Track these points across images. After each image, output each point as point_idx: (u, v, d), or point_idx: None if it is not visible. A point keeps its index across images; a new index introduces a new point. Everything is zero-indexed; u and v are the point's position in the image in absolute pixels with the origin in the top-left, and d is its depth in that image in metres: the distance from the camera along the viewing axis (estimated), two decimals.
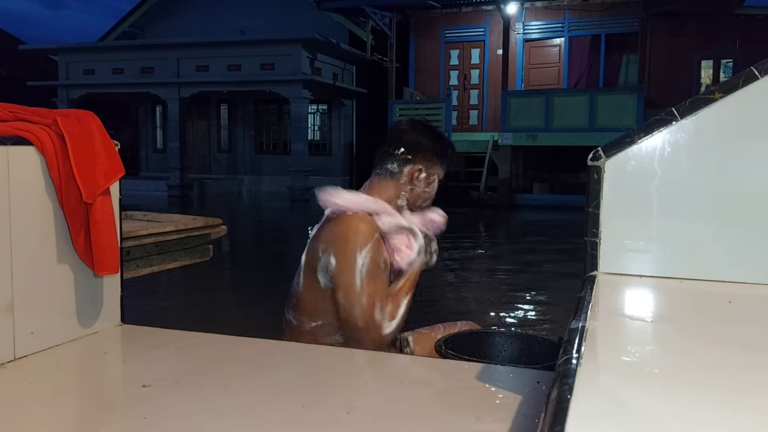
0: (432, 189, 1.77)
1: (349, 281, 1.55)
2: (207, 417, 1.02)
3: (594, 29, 14.95)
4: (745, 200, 1.12)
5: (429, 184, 1.76)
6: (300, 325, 1.67)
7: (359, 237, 1.57)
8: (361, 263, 1.55)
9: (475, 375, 1.23)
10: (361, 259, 1.55)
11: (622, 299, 1.11)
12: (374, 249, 1.58)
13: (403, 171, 1.72)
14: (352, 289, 1.56)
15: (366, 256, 1.56)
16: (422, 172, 1.73)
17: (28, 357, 1.25)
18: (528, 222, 12.07)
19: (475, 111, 16.19)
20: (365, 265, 1.55)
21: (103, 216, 1.33)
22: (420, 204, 1.77)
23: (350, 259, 1.56)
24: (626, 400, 0.63)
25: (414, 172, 1.72)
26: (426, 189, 1.75)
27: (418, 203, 1.76)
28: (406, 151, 1.72)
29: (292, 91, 16.31)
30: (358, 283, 1.55)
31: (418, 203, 1.76)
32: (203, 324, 1.58)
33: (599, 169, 1.16)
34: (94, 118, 1.38)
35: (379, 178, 1.74)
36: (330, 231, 1.62)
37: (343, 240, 1.58)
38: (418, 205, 1.77)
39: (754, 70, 1.07)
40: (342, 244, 1.58)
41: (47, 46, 19.72)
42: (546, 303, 5.30)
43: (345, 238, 1.58)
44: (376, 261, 1.58)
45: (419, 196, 1.75)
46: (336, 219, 1.63)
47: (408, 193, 1.74)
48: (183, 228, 2.29)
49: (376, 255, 1.58)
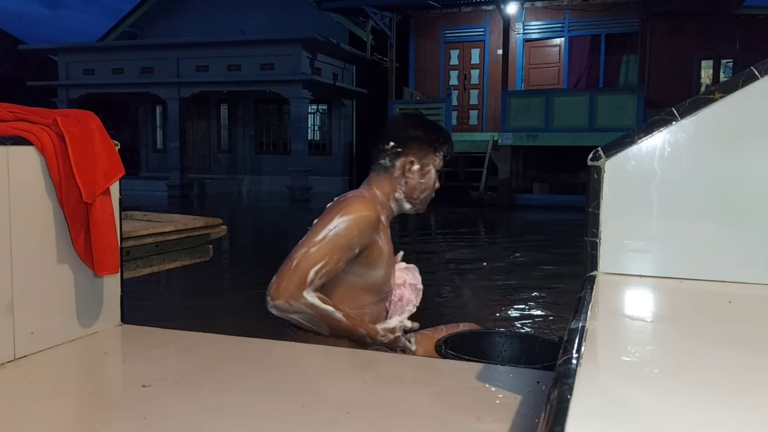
0: (428, 179, 1.75)
1: (315, 231, 1.57)
2: (207, 417, 1.02)
3: (594, 29, 14.95)
4: (745, 200, 1.12)
5: (424, 175, 1.74)
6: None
7: (347, 207, 1.59)
8: (334, 225, 1.56)
9: (475, 375, 1.23)
10: (336, 221, 1.56)
11: (622, 299, 1.11)
12: (355, 224, 1.57)
13: (395, 165, 1.72)
14: (313, 237, 1.55)
15: (343, 222, 1.56)
16: (414, 163, 1.72)
17: (28, 357, 1.25)
18: (528, 222, 12.07)
19: (475, 111, 16.19)
20: (336, 228, 1.55)
21: (103, 216, 1.33)
22: (418, 196, 1.75)
23: (327, 219, 1.58)
24: (626, 400, 0.63)
25: (406, 164, 1.71)
26: (421, 180, 1.74)
27: (415, 195, 1.74)
28: (396, 145, 1.72)
29: (292, 91, 16.32)
30: (320, 235, 1.55)
31: (415, 195, 1.75)
32: (203, 324, 1.58)
33: (599, 169, 1.16)
34: (94, 118, 1.38)
35: (375, 174, 1.74)
36: (329, 208, 1.64)
37: (334, 207, 1.61)
38: (416, 197, 1.75)
39: (754, 70, 1.07)
40: (330, 209, 1.61)
41: (47, 46, 19.72)
42: (546, 303, 5.30)
43: (337, 206, 1.61)
44: (350, 235, 1.56)
45: (415, 188, 1.73)
46: (339, 199, 1.66)
47: (403, 186, 1.73)
48: (183, 228, 2.29)
49: (353, 230, 1.56)
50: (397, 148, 1.71)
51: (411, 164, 1.72)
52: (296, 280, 1.52)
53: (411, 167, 1.72)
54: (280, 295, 1.52)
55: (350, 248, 1.57)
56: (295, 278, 1.52)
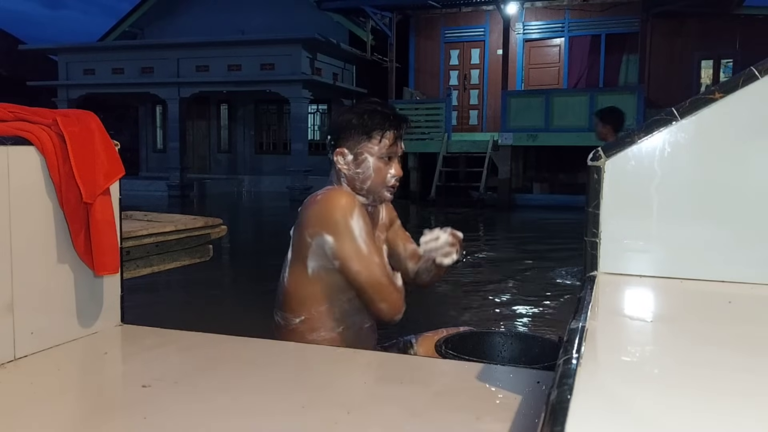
0: (365, 168, 1.65)
1: (356, 248, 1.56)
2: (207, 417, 1.02)
3: (594, 29, 14.95)
4: (745, 200, 1.12)
5: (359, 165, 1.65)
6: (287, 324, 1.67)
7: (344, 207, 1.57)
8: (357, 229, 1.56)
9: (475, 375, 1.23)
10: (356, 225, 1.56)
11: (622, 299, 1.11)
12: (361, 215, 1.59)
13: (333, 158, 1.69)
14: (361, 253, 1.56)
15: (358, 221, 1.57)
16: (346, 154, 1.66)
17: (28, 357, 1.25)
18: (528, 222, 12.06)
19: (475, 111, 16.19)
20: (361, 228, 1.57)
21: (103, 216, 1.33)
22: (361, 186, 1.67)
23: (346, 229, 1.56)
24: (626, 400, 0.63)
25: (337, 156, 1.68)
26: (357, 170, 1.66)
27: (357, 186, 1.67)
28: (330, 138, 1.70)
29: (292, 91, 16.31)
30: (363, 246, 1.57)
31: (358, 186, 1.67)
32: (203, 324, 1.59)
33: (599, 169, 1.16)
34: (94, 118, 1.38)
35: (331, 171, 1.73)
36: (313, 213, 1.61)
37: (329, 216, 1.57)
38: (360, 188, 1.68)
39: (754, 70, 1.07)
40: (331, 220, 1.57)
41: (47, 46, 19.71)
42: (545, 303, 5.30)
43: (330, 213, 1.57)
44: (367, 223, 1.60)
45: (353, 178, 1.67)
46: (313, 200, 1.63)
47: (344, 178, 1.68)
48: (183, 228, 2.29)
49: (363, 219, 1.59)
50: (331, 141, 1.69)
51: (342, 156, 1.67)
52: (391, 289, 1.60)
53: (344, 159, 1.67)
54: (399, 309, 1.62)
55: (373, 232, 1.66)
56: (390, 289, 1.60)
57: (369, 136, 1.64)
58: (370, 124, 1.64)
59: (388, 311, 1.60)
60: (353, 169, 1.66)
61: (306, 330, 1.64)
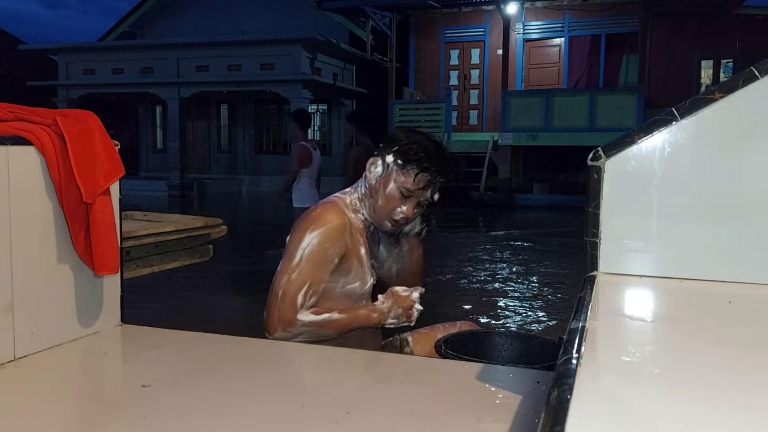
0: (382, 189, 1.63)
1: (290, 254, 1.57)
2: (207, 417, 1.02)
3: (594, 29, 14.96)
4: (745, 200, 1.12)
5: (381, 182, 1.64)
6: None
7: (315, 221, 1.59)
8: (306, 242, 1.56)
9: (475, 375, 1.23)
10: (308, 239, 1.57)
11: (622, 299, 1.11)
12: (326, 236, 1.57)
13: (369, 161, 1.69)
14: (290, 262, 1.56)
15: (314, 238, 1.56)
16: (378, 166, 1.65)
17: (28, 357, 1.25)
18: (528, 222, 12.06)
19: (475, 111, 16.19)
20: (310, 246, 1.56)
21: (103, 216, 1.33)
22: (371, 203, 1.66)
23: (299, 237, 1.58)
24: (626, 400, 0.62)
25: (372, 162, 1.67)
26: (376, 185, 1.65)
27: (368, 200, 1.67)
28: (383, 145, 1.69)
29: (292, 91, 16.32)
30: (297, 258, 1.56)
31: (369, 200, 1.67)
32: (203, 324, 1.59)
33: (599, 169, 1.16)
34: (94, 118, 1.38)
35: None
36: (301, 221, 1.64)
37: (302, 222, 1.61)
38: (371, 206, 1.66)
39: (754, 70, 1.07)
40: (299, 226, 1.61)
41: (47, 46, 19.74)
42: (545, 303, 5.31)
43: (304, 220, 1.61)
44: (324, 248, 1.57)
45: (371, 190, 1.66)
46: (308, 212, 1.66)
47: (365, 185, 1.68)
48: (183, 228, 2.29)
49: (326, 242, 1.57)
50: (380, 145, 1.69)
51: (375, 164, 1.67)
52: (286, 309, 1.54)
53: (374, 168, 1.67)
54: (276, 328, 1.54)
55: (329, 261, 1.58)
56: (285, 308, 1.54)
57: (404, 165, 1.62)
58: (412, 157, 1.61)
59: (265, 322, 1.57)
60: (375, 181, 1.66)
61: None
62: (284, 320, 1.53)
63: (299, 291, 1.54)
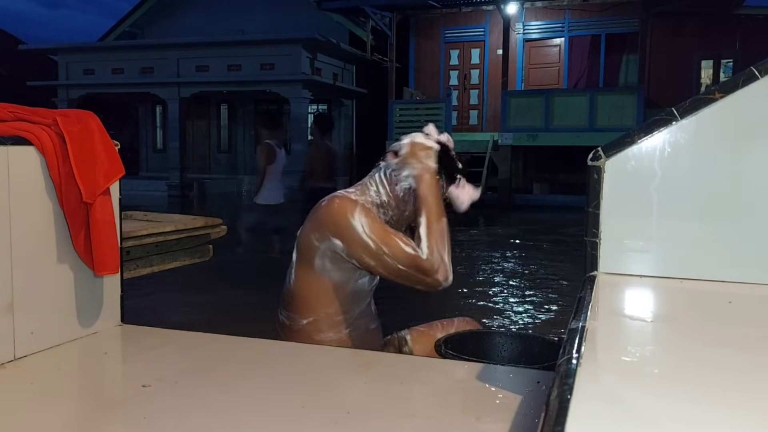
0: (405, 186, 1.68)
1: (364, 245, 1.57)
2: (207, 417, 1.02)
3: (594, 29, 14.95)
4: (745, 200, 1.12)
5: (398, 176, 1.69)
6: (293, 325, 1.67)
7: (343, 209, 1.60)
8: (360, 225, 1.57)
9: (475, 375, 1.23)
10: (357, 223, 1.57)
11: (622, 299, 1.11)
12: (363, 211, 1.59)
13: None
14: (371, 248, 1.56)
15: (359, 217, 1.58)
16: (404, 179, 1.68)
17: (28, 357, 1.25)
18: (528, 222, 12.06)
19: (475, 111, 16.19)
20: (364, 224, 1.57)
21: (103, 216, 1.33)
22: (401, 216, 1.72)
23: (350, 229, 1.57)
24: (626, 400, 0.62)
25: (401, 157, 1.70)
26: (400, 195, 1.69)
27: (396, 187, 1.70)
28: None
29: (292, 91, 16.31)
30: (369, 241, 1.57)
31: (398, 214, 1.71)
32: (203, 324, 1.59)
33: (599, 169, 1.16)
34: (94, 118, 1.38)
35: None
36: (318, 219, 1.64)
37: (332, 219, 1.61)
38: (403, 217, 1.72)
39: (754, 70, 1.07)
40: (335, 223, 1.60)
41: (47, 46, 19.72)
42: (544, 303, 5.31)
43: (332, 216, 1.61)
44: (372, 216, 1.60)
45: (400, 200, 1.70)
46: (319, 207, 1.66)
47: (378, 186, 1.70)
48: (183, 228, 2.29)
49: (369, 213, 1.60)
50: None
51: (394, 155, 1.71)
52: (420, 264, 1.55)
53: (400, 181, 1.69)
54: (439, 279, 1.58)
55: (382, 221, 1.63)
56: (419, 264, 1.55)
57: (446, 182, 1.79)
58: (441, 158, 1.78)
59: (433, 283, 1.58)
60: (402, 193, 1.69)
61: (313, 331, 1.65)
62: (431, 270, 1.56)
63: (404, 250, 1.56)
